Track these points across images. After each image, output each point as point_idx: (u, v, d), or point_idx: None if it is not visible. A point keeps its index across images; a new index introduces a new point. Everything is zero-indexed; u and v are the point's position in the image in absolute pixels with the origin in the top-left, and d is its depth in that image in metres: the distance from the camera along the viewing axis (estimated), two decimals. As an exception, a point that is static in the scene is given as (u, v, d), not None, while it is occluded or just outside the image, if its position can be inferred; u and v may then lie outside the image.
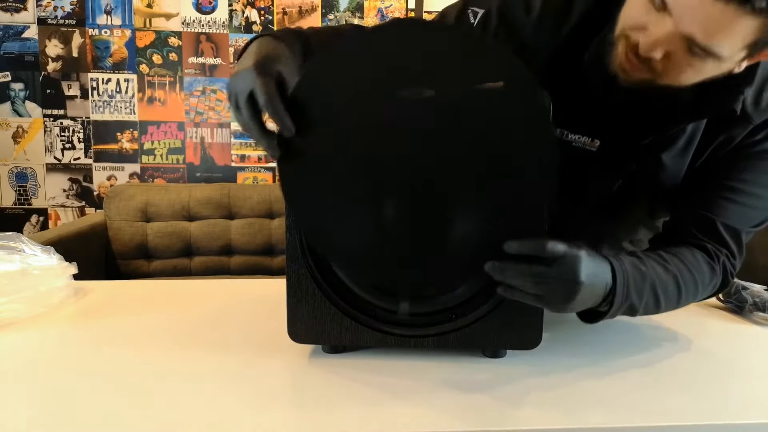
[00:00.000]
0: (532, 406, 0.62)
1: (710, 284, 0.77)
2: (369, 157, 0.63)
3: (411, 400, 0.62)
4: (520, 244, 0.62)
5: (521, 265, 0.62)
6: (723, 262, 0.77)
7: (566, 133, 0.79)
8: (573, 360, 0.74)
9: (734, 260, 0.78)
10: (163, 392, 0.63)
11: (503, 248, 0.63)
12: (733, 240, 0.77)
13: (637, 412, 0.61)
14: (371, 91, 0.61)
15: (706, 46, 0.59)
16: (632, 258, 0.71)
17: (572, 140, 0.79)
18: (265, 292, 1.03)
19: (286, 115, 0.60)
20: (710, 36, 0.58)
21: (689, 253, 0.75)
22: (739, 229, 0.77)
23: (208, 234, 2.32)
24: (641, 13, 0.62)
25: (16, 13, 2.39)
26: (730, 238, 0.76)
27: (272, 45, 0.68)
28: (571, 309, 0.67)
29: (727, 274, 0.77)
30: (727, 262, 0.77)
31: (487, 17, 0.77)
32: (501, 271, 0.63)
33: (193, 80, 2.50)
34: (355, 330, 0.72)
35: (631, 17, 0.65)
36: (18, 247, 0.94)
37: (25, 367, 0.70)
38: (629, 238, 0.95)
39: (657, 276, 0.70)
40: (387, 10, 2.54)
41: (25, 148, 2.47)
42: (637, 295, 0.69)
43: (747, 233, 0.78)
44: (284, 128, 0.61)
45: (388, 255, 0.66)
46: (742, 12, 0.55)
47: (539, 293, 0.63)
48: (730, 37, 0.58)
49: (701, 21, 0.57)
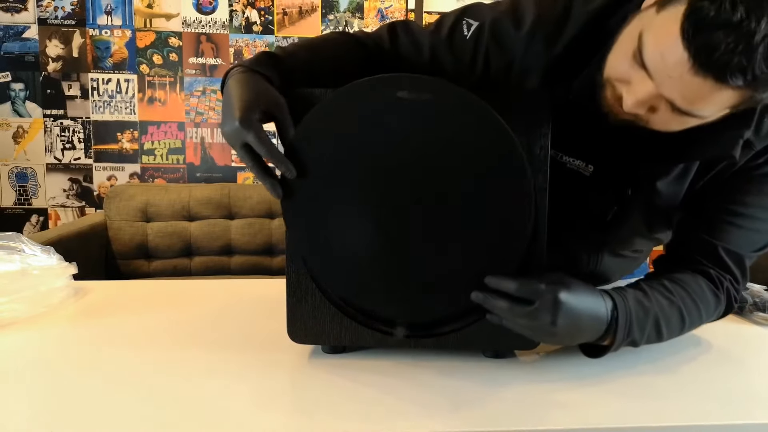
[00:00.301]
0: (533, 407, 0.62)
1: (714, 312, 0.77)
2: (361, 196, 0.67)
3: (411, 400, 0.62)
4: (496, 281, 0.65)
5: (500, 301, 0.65)
6: (727, 287, 0.77)
7: (560, 155, 0.78)
8: (573, 360, 0.74)
9: (738, 285, 0.78)
10: (162, 392, 0.63)
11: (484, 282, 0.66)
12: (737, 265, 0.77)
13: (637, 412, 0.61)
14: (361, 143, 0.66)
15: (688, 111, 0.59)
16: (636, 292, 0.71)
17: (566, 162, 0.78)
18: (265, 292, 1.03)
19: (286, 160, 0.65)
20: (690, 104, 0.57)
21: (694, 282, 0.75)
22: (742, 254, 0.76)
23: (208, 234, 2.32)
24: (625, 66, 0.61)
25: (17, 14, 2.39)
26: (733, 264, 0.76)
27: (250, 83, 0.67)
28: (561, 344, 0.69)
29: (731, 300, 0.78)
30: (731, 287, 0.77)
31: (480, 30, 0.76)
32: (485, 302, 0.66)
33: (194, 80, 2.50)
34: (355, 330, 0.72)
35: (615, 69, 0.63)
36: (18, 247, 0.94)
37: (25, 367, 0.70)
38: (628, 249, 0.95)
39: (661, 309, 0.71)
40: (387, 10, 2.54)
41: (25, 148, 2.47)
42: (639, 331, 0.69)
43: (750, 257, 0.78)
44: (287, 172, 0.66)
45: (381, 287, 0.70)
46: (720, 85, 0.54)
47: (523, 327, 0.65)
48: (711, 105, 0.57)
49: (681, 90, 0.56)
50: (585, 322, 0.65)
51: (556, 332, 0.64)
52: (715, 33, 0.50)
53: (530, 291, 0.63)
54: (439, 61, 0.79)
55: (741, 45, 0.50)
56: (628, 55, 0.60)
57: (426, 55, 0.79)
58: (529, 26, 0.74)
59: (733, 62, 0.51)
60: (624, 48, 0.61)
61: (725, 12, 0.49)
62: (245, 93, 0.65)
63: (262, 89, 0.67)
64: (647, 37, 0.57)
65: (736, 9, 0.49)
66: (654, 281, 0.75)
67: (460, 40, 0.78)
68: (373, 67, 0.79)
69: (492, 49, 0.76)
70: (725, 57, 0.50)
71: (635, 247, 0.95)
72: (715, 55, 0.51)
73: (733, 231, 0.75)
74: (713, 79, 0.53)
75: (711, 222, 0.76)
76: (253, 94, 0.65)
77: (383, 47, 0.81)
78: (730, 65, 0.51)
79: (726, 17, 0.49)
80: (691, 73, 0.53)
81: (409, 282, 0.69)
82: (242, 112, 0.63)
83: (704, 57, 0.51)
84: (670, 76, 0.55)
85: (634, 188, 0.78)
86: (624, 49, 0.61)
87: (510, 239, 0.67)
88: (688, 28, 0.52)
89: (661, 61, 0.56)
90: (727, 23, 0.49)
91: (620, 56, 0.62)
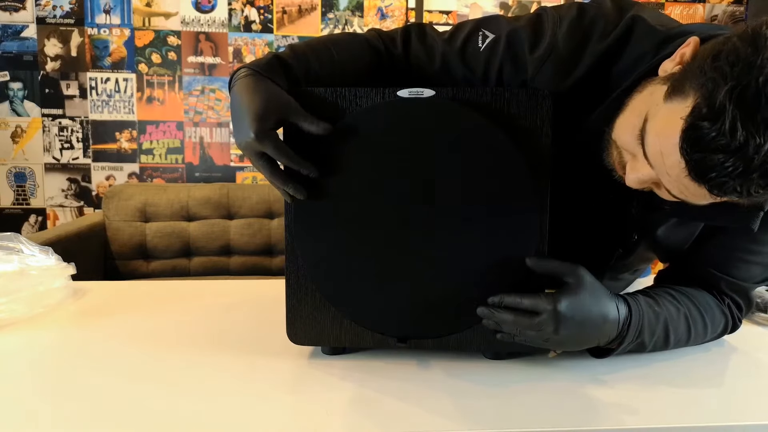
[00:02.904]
0: (533, 408, 0.62)
1: (720, 327, 0.77)
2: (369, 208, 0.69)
3: (411, 401, 0.62)
4: (499, 298, 0.67)
5: (505, 314, 0.66)
6: (729, 304, 0.77)
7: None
8: (574, 362, 0.74)
9: (741, 313, 0.79)
10: (161, 393, 0.63)
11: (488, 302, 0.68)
12: (741, 296, 0.78)
13: (637, 413, 0.61)
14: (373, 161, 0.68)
15: (686, 201, 0.58)
16: (646, 297, 0.71)
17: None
18: (264, 292, 1.03)
19: (305, 163, 0.66)
20: (688, 198, 0.57)
21: (699, 294, 0.76)
22: (746, 286, 0.77)
23: (207, 234, 2.31)
24: (631, 141, 0.59)
25: (15, 13, 2.38)
26: (738, 295, 0.77)
27: (260, 88, 0.66)
28: (572, 350, 0.70)
29: (735, 321, 0.78)
30: (736, 311, 0.78)
31: (495, 43, 0.74)
32: (491, 316, 0.67)
33: (192, 79, 2.50)
34: (354, 331, 0.72)
35: (621, 138, 0.62)
36: (16, 248, 0.94)
37: (23, 368, 0.70)
38: (629, 272, 0.95)
39: (669, 315, 0.72)
40: (387, 9, 2.54)
41: (23, 147, 2.46)
42: (650, 334, 0.70)
43: (753, 288, 0.78)
44: (309, 172, 0.67)
45: (384, 305, 0.71)
46: (716, 195, 0.53)
47: (533, 339, 0.66)
48: (709, 201, 0.56)
49: (678, 187, 0.55)
50: (591, 328, 0.65)
51: (562, 341, 0.65)
52: (711, 155, 0.49)
53: (532, 303, 0.65)
54: (450, 70, 0.77)
55: (738, 169, 0.49)
56: (635, 131, 0.58)
57: (437, 63, 0.78)
58: (542, 51, 0.71)
59: (728, 184, 0.50)
60: (632, 121, 0.60)
61: (723, 136, 0.48)
62: (256, 101, 0.65)
63: (272, 95, 0.66)
64: (650, 126, 0.56)
65: (735, 134, 0.47)
66: (660, 289, 0.75)
67: (474, 50, 0.76)
68: (383, 72, 0.79)
69: (506, 65, 0.74)
70: (721, 179, 0.50)
71: (636, 267, 0.95)
72: (710, 174, 0.50)
73: (741, 266, 0.75)
74: (708, 190, 0.52)
75: (718, 258, 0.76)
76: (264, 102, 0.65)
77: (394, 52, 0.80)
78: (725, 186, 0.50)
79: (724, 142, 0.48)
80: (688, 179, 0.52)
81: (413, 301, 0.70)
82: (257, 123, 0.63)
83: (700, 172, 0.51)
84: (669, 174, 0.55)
85: (639, 233, 0.78)
86: (631, 122, 0.60)
87: (515, 246, 0.68)
88: (686, 142, 0.51)
89: (660, 159, 0.55)
90: (725, 147, 0.48)
91: (627, 128, 0.60)
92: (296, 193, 0.67)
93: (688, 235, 0.77)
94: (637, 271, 0.98)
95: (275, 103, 0.65)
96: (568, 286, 0.65)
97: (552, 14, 0.72)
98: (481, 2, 2.58)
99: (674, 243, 0.78)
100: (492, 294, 0.68)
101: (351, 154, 0.68)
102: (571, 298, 0.64)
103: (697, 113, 0.50)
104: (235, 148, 2.56)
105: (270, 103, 0.65)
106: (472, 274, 0.69)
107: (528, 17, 0.75)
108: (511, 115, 0.67)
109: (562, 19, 0.71)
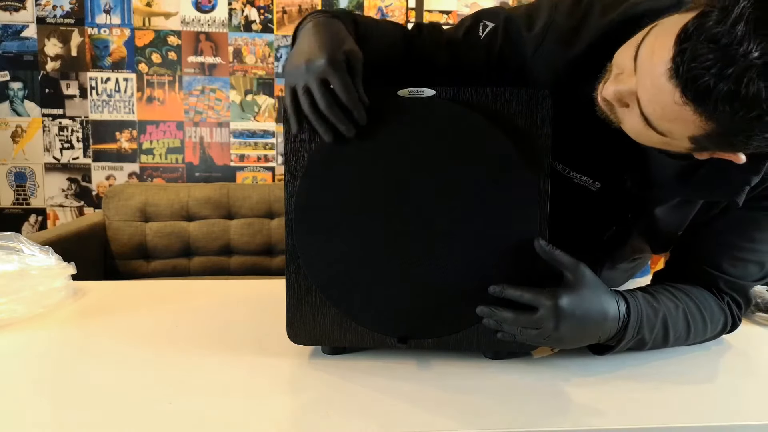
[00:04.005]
0: (534, 407, 0.62)
1: (719, 325, 0.77)
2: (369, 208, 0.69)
3: (411, 401, 0.62)
4: (499, 290, 0.67)
5: (505, 312, 0.66)
6: (728, 303, 0.77)
7: (568, 170, 0.78)
8: (574, 362, 0.74)
9: (740, 310, 0.79)
10: (161, 393, 0.63)
11: (488, 292, 0.68)
12: (740, 294, 0.78)
13: (637, 413, 0.61)
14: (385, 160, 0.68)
15: (648, 118, 0.57)
16: (645, 294, 0.72)
17: (573, 177, 0.78)
18: (264, 292, 1.03)
19: (361, 106, 0.64)
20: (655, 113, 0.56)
21: (698, 292, 0.76)
22: (745, 285, 0.77)
23: (207, 234, 2.31)
24: (629, 52, 0.59)
25: (15, 12, 2.38)
26: (737, 293, 0.77)
27: (332, 26, 0.67)
28: (572, 347, 0.70)
29: (735, 318, 0.78)
30: (735, 309, 0.78)
31: (494, 32, 0.76)
32: (491, 315, 0.67)
33: (193, 79, 2.50)
34: (355, 331, 0.72)
35: (619, 55, 0.62)
36: (16, 247, 0.94)
37: (23, 368, 0.70)
38: (626, 261, 0.95)
39: (668, 311, 0.72)
40: (387, 8, 2.54)
41: (23, 147, 2.46)
42: (649, 330, 0.70)
43: (752, 285, 0.78)
44: (359, 117, 0.65)
45: (384, 305, 0.71)
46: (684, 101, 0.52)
47: (533, 337, 0.66)
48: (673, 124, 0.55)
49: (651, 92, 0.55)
50: (591, 325, 0.66)
51: (562, 337, 0.65)
52: (701, 44, 0.49)
53: (532, 298, 0.65)
54: (455, 60, 0.79)
55: (717, 64, 0.48)
56: (635, 43, 0.58)
57: (443, 54, 0.79)
58: (539, 28, 0.73)
59: (702, 81, 0.49)
60: (635, 38, 0.60)
61: (723, 25, 0.48)
62: (332, 35, 0.65)
63: (347, 36, 0.67)
64: (653, 31, 0.56)
65: (736, 27, 0.47)
66: (659, 286, 0.75)
67: (475, 40, 0.77)
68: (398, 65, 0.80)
69: (505, 50, 0.76)
70: (698, 71, 0.49)
71: (634, 256, 0.95)
72: (691, 65, 0.50)
73: (737, 264, 0.75)
74: (681, 89, 0.51)
75: (715, 255, 0.76)
76: (338, 37, 0.65)
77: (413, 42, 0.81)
78: (698, 82, 0.49)
79: (719, 31, 0.48)
80: (665, 79, 0.52)
81: (413, 301, 0.70)
82: (332, 50, 0.63)
83: (682, 62, 0.50)
84: (651, 73, 0.54)
85: (634, 212, 0.79)
86: (633, 42, 0.60)
87: (516, 244, 0.68)
88: (684, 32, 0.50)
89: (649, 58, 0.54)
90: (717, 37, 0.48)
91: (628, 46, 0.61)
92: (348, 132, 0.65)
93: (682, 219, 0.77)
94: (635, 260, 0.98)
95: (349, 42, 0.66)
96: (569, 282, 0.66)
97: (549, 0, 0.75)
98: (481, 2, 2.58)
99: (668, 227, 0.78)
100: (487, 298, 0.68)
101: (351, 154, 0.68)
102: (571, 294, 0.65)
103: (708, 9, 0.50)
104: (235, 148, 2.56)
105: (345, 40, 0.66)
106: (472, 274, 0.69)
107: (526, 5, 0.78)
108: (511, 115, 0.67)
109: (559, 4, 0.74)
